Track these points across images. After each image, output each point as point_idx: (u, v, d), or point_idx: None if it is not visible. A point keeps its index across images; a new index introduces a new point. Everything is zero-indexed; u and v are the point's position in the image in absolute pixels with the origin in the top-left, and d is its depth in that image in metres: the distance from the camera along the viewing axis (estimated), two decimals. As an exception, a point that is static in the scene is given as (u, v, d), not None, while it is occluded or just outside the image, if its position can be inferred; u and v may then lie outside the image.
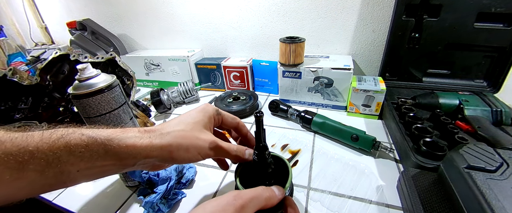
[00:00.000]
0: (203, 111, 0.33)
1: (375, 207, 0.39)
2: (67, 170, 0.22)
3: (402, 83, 0.70)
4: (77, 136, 0.23)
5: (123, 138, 0.25)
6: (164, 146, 0.27)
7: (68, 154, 0.22)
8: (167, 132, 0.28)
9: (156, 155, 0.27)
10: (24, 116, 0.57)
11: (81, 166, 0.23)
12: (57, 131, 0.23)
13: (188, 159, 0.29)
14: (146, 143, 0.26)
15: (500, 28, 0.57)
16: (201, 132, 0.30)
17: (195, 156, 0.29)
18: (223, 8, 0.84)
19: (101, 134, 0.24)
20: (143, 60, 0.91)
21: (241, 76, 0.82)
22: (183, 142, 0.28)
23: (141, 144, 0.26)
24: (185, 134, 0.29)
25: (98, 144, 0.24)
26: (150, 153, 0.26)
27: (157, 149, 0.27)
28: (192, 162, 0.32)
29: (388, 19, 0.69)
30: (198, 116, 0.32)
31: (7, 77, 0.54)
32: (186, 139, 0.28)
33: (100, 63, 0.60)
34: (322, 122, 0.57)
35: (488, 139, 0.45)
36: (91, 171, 0.24)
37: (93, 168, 0.24)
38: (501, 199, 0.26)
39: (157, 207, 0.40)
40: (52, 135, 0.22)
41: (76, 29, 0.95)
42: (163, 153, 0.27)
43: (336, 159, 0.50)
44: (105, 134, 0.25)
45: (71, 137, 0.23)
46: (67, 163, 0.22)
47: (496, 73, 0.61)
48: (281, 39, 0.65)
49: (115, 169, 0.26)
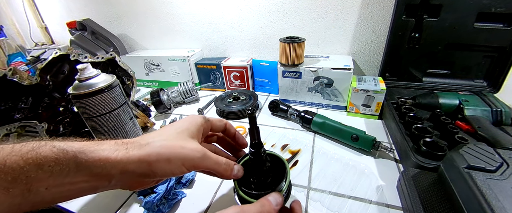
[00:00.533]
0: (189, 120, 0.30)
1: (375, 207, 0.39)
2: (35, 187, 0.20)
3: (402, 83, 0.70)
4: (48, 149, 0.21)
5: (96, 150, 0.23)
6: (142, 158, 0.24)
7: (37, 168, 0.20)
8: (146, 142, 0.26)
9: (133, 168, 0.24)
10: (24, 116, 0.57)
11: (49, 182, 0.21)
12: (29, 143, 0.21)
13: (171, 171, 0.26)
14: (121, 155, 0.24)
15: (500, 28, 0.57)
16: (186, 141, 0.27)
17: (178, 168, 0.26)
18: (223, 8, 0.84)
19: (73, 146, 0.23)
20: (143, 60, 0.91)
21: (241, 76, 0.82)
22: (163, 152, 0.25)
23: (115, 156, 0.23)
24: (167, 143, 0.26)
25: (69, 157, 0.22)
26: (126, 166, 0.24)
27: (134, 162, 0.24)
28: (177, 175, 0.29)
29: (388, 19, 0.69)
30: (183, 125, 0.29)
31: (7, 77, 0.54)
32: (168, 149, 0.25)
33: (100, 63, 0.60)
34: (322, 122, 0.57)
35: (488, 139, 0.45)
36: (61, 189, 0.22)
37: (63, 186, 0.22)
38: (501, 199, 0.26)
39: (157, 207, 0.40)
40: (23, 147, 0.21)
41: (76, 29, 0.95)
42: (141, 165, 0.24)
43: (336, 159, 0.50)
44: (78, 146, 0.23)
45: (42, 150, 0.21)
46: (35, 179, 0.20)
47: (496, 73, 0.61)
48: (281, 39, 0.65)
49: (88, 187, 0.23)
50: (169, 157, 0.25)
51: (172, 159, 0.25)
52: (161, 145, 0.26)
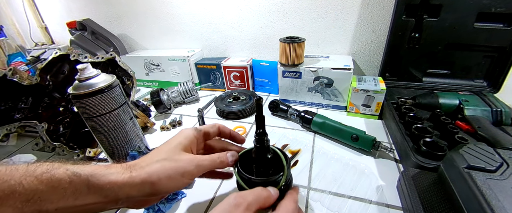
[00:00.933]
0: (181, 135, 0.32)
1: (375, 207, 0.39)
2: (45, 208, 0.21)
3: (402, 83, 0.70)
4: (62, 171, 0.23)
5: (106, 174, 0.25)
6: (144, 179, 0.26)
7: (51, 190, 0.22)
8: (146, 164, 0.27)
9: (137, 189, 0.25)
10: (24, 116, 0.57)
11: (60, 204, 0.22)
12: (43, 165, 0.23)
13: (174, 186, 0.28)
14: (126, 177, 0.25)
15: (500, 28, 0.57)
16: (180, 155, 0.29)
17: (180, 181, 0.28)
18: (223, 8, 0.84)
19: (85, 170, 0.24)
20: (143, 60, 0.91)
21: (241, 76, 0.82)
22: (163, 171, 0.27)
23: (122, 179, 0.25)
24: (164, 162, 0.27)
25: (82, 180, 0.23)
26: (130, 188, 0.25)
27: (137, 184, 0.25)
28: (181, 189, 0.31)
29: (388, 19, 0.69)
30: (176, 141, 0.31)
31: (7, 77, 0.54)
32: (166, 167, 0.27)
33: (100, 63, 0.60)
34: (322, 122, 0.57)
35: (488, 139, 0.45)
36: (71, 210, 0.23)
37: (74, 207, 0.23)
38: (501, 199, 0.26)
39: (157, 207, 0.40)
40: (37, 168, 0.22)
41: (76, 29, 0.95)
42: (144, 186, 0.26)
43: (336, 159, 0.50)
44: (89, 169, 0.24)
45: (56, 172, 0.22)
46: (46, 201, 0.21)
47: (496, 73, 0.61)
48: (281, 39, 0.65)
49: (97, 208, 0.25)
50: (169, 175, 0.27)
51: (172, 175, 0.27)
52: (159, 164, 0.27)
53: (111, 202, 0.25)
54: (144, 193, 0.26)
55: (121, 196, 0.25)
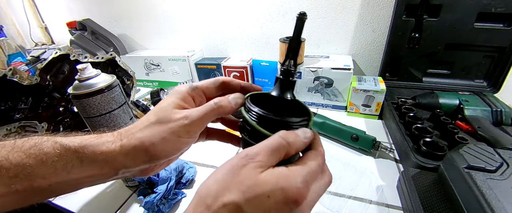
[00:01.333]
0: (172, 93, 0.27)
1: (375, 207, 0.39)
2: (37, 184, 0.20)
3: (402, 83, 0.70)
4: (50, 144, 0.21)
5: (97, 144, 0.23)
6: (137, 147, 0.23)
7: (40, 165, 0.20)
8: (137, 129, 0.24)
9: (132, 159, 0.23)
10: (24, 116, 0.57)
11: (52, 179, 0.21)
12: (31, 139, 0.21)
13: (173, 148, 0.24)
14: (118, 147, 0.23)
15: (500, 28, 0.57)
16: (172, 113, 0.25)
17: (177, 141, 0.24)
18: (223, 8, 0.84)
19: (75, 141, 0.22)
20: (143, 60, 0.91)
21: (241, 76, 0.82)
22: (155, 134, 0.23)
23: (114, 148, 0.23)
24: (155, 125, 0.24)
25: (72, 153, 0.22)
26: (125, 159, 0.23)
27: (130, 153, 0.23)
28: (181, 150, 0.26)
29: (388, 19, 0.69)
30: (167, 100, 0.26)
31: (7, 77, 0.54)
32: (158, 129, 0.24)
33: (100, 63, 0.60)
34: (322, 122, 0.57)
35: (488, 139, 0.45)
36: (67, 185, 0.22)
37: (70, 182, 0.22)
38: (501, 199, 0.26)
39: (157, 207, 0.40)
40: (25, 143, 0.21)
41: (76, 29, 0.95)
42: (138, 155, 0.23)
43: (336, 159, 0.50)
44: (79, 140, 0.22)
45: (45, 145, 0.21)
46: (37, 176, 0.20)
47: (496, 73, 0.61)
48: (281, 39, 0.65)
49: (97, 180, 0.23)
50: (162, 137, 0.23)
51: (166, 136, 0.23)
52: (151, 127, 0.24)
53: (110, 173, 0.23)
54: (140, 161, 0.23)
55: (119, 167, 0.23)
